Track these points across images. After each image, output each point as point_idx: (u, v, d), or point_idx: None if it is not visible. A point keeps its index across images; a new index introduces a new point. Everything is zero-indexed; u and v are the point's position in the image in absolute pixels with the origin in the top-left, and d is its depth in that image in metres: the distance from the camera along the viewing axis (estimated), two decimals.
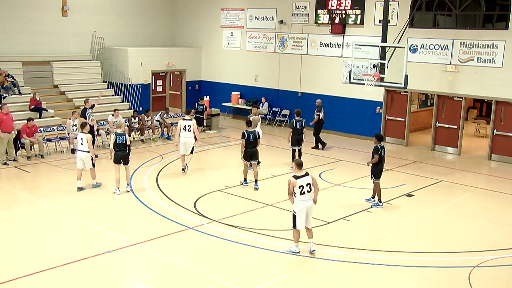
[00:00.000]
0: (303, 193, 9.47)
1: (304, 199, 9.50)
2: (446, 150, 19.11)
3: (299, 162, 9.75)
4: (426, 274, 9.30)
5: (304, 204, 9.52)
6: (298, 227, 9.61)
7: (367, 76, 15.92)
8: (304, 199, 9.50)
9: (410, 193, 13.91)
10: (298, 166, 9.65)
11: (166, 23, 26.61)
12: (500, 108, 17.83)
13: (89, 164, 13.30)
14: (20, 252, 9.73)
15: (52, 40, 22.30)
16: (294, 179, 9.48)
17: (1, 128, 15.32)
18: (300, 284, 8.81)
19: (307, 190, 9.51)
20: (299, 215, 9.53)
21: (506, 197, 13.99)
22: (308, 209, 9.59)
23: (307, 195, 9.52)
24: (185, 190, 13.57)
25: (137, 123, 18.99)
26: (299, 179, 9.48)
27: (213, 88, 25.45)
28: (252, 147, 13.67)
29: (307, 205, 9.55)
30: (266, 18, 23.30)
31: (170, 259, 9.52)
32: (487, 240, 10.96)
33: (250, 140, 13.60)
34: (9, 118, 15.74)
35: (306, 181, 9.50)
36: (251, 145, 13.64)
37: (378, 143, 12.50)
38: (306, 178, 9.53)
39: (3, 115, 15.51)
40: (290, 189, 9.50)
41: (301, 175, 9.53)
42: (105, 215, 11.81)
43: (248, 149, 13.64)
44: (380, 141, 12.56)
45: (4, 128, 15.39)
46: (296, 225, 9.61)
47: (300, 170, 9.60)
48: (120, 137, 12.95)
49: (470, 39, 17.85)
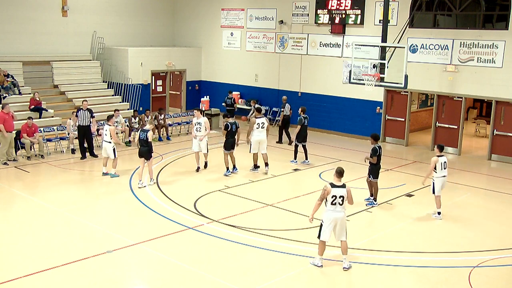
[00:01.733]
0: (333, 204, 9.09)
1: (334, 210, 9.11)
2: (446, 150, 19.04)
3: (340, 170, 9.30)
4: (426, 274, 9.29)
5: (334, 215, 9.12)
6: (323, 238, 9.21)
7: (367, 76, 15.93)
8: (333, 210, 9.11)
9: (410, 193, 13.91)
10: (339, 174, 9.25)
11: (166, 23, 26.61)
12: (500, 108, 17.82)
13: (111, 154, 14.44)
14: (20, 252, 9.73)
15: (52, 40, 22.32)
16: (330, 187, 9.12)
17: (5, 128, 15.33)
18: (300, 284, 8.80)
19: (339, 202, 9.09)
20: (326, 225, 9.16)
21: (506, 197, 13.99)
22: (338, 221, 9.14)
23: (338, 207, 9.11)
24: (185, 190, 13.57)
25: (137, 123, 18.99)
26: (334, 188, 9.10)
27: (213, 88, 25.45)
28: (231, 137, 14.70)
29: (337, 216, 9.13)
30: (266, 18, 23.30)
31: (170, 259, 9.52)
32: (487, 240, 10.96)
33: (233, 131, 14.72)
34: (10, 117, 15.77)
35: (340, 192, 9.09)
36: (231, 136, 14.69)
37: (375, 143, 12.54)
38: (342, 190, 9.12)
39: (5, 115, 15.52)
40: (323, 195, 9.13)
41: (338, 185, 9.14)
42: (105, 215, 11.81)
43: (229, 139, 14.70)
44: (377, 141, 12.61)
45: (7, 128, 15.41)
46: (321, 235, 9.23)
47: (339, 179, 9.22)
48: (142, 134, 13.75)
49: (470, 39, 17.85)
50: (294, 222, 11.56)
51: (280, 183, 14.65)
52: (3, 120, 15.34)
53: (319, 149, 18.58)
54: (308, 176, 15.33)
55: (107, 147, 14.43)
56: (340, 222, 9.17)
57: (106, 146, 14.45)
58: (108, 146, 14.41)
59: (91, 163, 16.38)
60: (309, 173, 15.63)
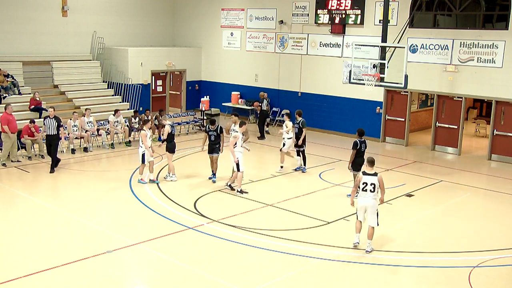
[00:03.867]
0: (364, 190, 9.92)
1: (365, 196, 9.95)
2: (446, 150, 19.11)
3: (371, 160, 10.14)
4: (426, 274, 9.30)
5: (363, 201, 9.98)
6: (359, 218, 10.17)
7: (367, 76, 15.91)
8: (364, 196, 9.96)
9: (410, 193, 13.91)
10: (370, 163, 10.11)
11: (166, 23, 26.61)
12: (500, 108, 17.83)
13: (140, 159, 14.07)
14: (20, 252, 9.73)
15: (52, 40, 22.31)
16: (362, 174, 10.04)
17: (10, 129, 15.32)
18: (300, 284, 8.80)
19: (370, 189, 9.88)
20: (359, 209, 10.11)
21: (506, 197, 13.98)
22: (367, 207, 9.95)
23: (369, 193, 9.90)
24: (185, 190, 13.57)
25: (137, 123, 18.98)
26: (365, 176, 9.96)
27: (213, 88, 25.45)
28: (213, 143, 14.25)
29: (366, 203, 9.95)
30: (266, 18, 23.30)
31: (170, 259, 9.52)
32: (487, 240, 10.96)
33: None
34: (14, 118, 15.77)
35: (371, 180, 9.89)
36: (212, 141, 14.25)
37: (359, 138, 13.00)
38: (373, 178, 9.91)
39: (9, 116, 15.50)
40: (357, 182, 10.13)
41: (370, 173, 9.98)
42: (105, 215, 11.81)
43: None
44: (361, 136, 13.05)
45: (11, 129, 15.39)
46: (357, 215, 10.20)
47: (371, 168, 10.04)
48: (174, 129, 14.39)
49: (470, 39, 17.85)
50: (294, 222, 11.56)
51: (280, 183, 14.65)
52: (7, 121, 15.31)
53: (319, 149, 18.58)
54: (308, 176, 15.33)
55: (138, 152, 14.20)
56: (370, 209, 9.96)
57: (138, 150, 14.28)
58: (138, 150, 14.18)
59: (91, 163, 16.39)
60: (309, 173, 15.63)
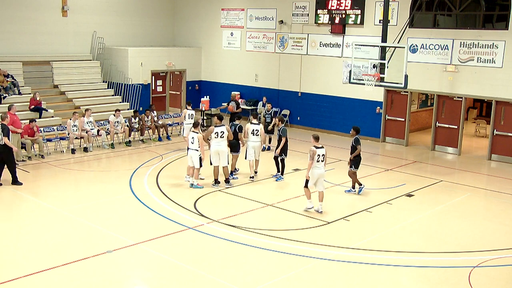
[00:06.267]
0: (318, 161, 11.77)
1: (318, 166, 11.79)
2: (446, 150, 19.11)
3: (317, 136, 12.07)
4: (426, 274, 9.30)
5: (318, 171, 11.81)
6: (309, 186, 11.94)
7: (367, 76, 15.92)
8: (318, 167, 11.78)
9: (410, 193, 13.91)
10: (316, 139, 11.93)
11: (166, 23, 26.61)
12: (500, 108, 17.82)
13: (197, 163, 13.61)
14: (20, 252, 9.73)
15: (52, 40, 22.31)
16: (315, 148, 11.76)
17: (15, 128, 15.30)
18: (300, 284, 8.80)
19: (321, 159, 11.84)
20: (313, 178, 11.80)
21: (506, 197, 13.98)
22: (321, 175, 11.85)
23: (321, 163, 11.83)
24: (185, 190, 13.57)
25: (137, 123, 18.99)
26: (318, 149, 11.79)
27: (213, 88, 25.45)
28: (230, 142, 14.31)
29: (321, 172, 11.86)
30: (266, 18, 23.30)
31: (170, 259, 9.52)
32: (487, 240, 10.96)
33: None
34: (18, 118, 15.77)
35: (322, 152, 11.87)
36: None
37: (356, 135, 13.45)
38: (322, 150, 11.89)
39: (14, 116, 15.48)
40: (312, 155, 11.67)
41: (319, 147, 11.85)
42: (105, 215, 11.80)
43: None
44: (358, 133, 13.50)
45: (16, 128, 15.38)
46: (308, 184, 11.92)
47: (318, 143, 11.91)
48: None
49: (470, 39, 17.85)
50: (294, 222, 11.56)
51: (280, 183, 14.64)
52: (12, 121, 15.27)
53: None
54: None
55: (193, 155, 13.53)
56: (322, 177, 11.96)
57: (192, 154, 13.54)
58: (194, 154, 13.50)
59: (91, 163, 16.39)
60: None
